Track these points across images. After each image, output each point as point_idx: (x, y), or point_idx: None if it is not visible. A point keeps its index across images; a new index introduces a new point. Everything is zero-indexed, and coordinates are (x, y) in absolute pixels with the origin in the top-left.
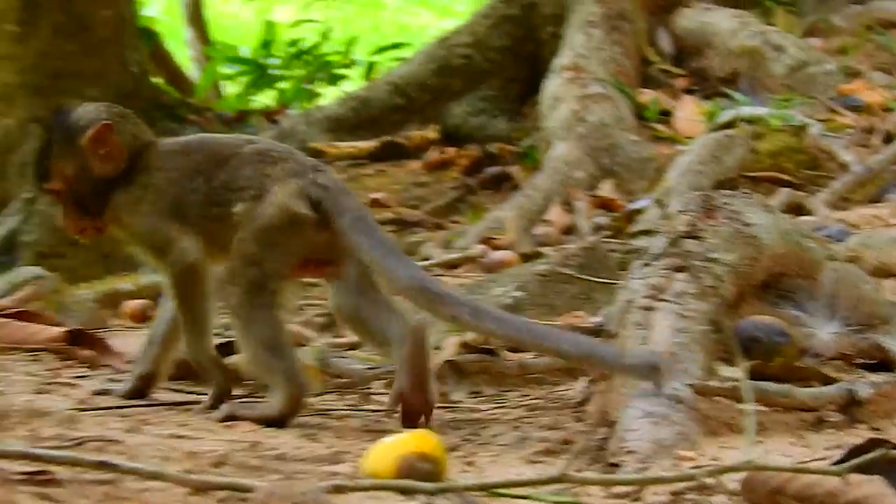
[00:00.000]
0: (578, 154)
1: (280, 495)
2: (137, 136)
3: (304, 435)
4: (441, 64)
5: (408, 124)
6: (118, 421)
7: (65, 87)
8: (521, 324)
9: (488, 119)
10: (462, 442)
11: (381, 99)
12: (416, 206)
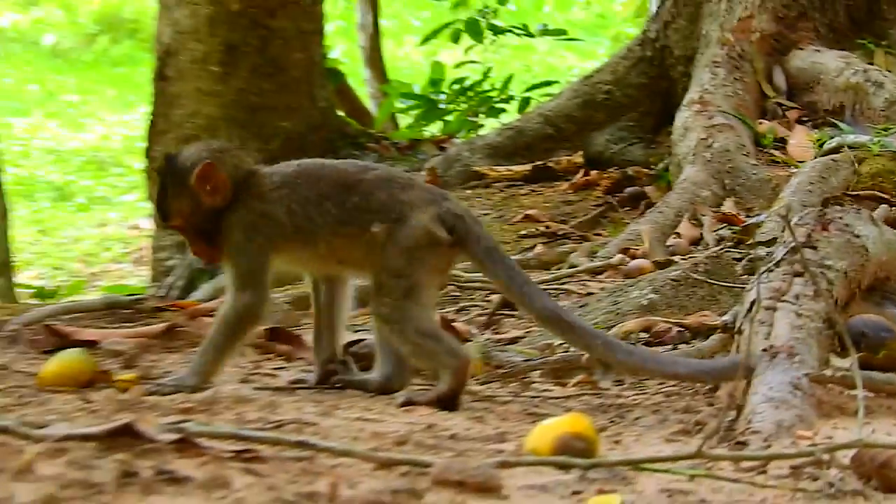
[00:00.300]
0: (705, 176)
1: (454, 470)
2: (239, 167)
3: (472, 418)
4: (586, 99)
5: (557, 151)
6: (312, 406)
7: (261, 120)
8: (646, 354)
9: (627, 146)
10: (609, 423)
11: (533, 129)
12: (564, 221)
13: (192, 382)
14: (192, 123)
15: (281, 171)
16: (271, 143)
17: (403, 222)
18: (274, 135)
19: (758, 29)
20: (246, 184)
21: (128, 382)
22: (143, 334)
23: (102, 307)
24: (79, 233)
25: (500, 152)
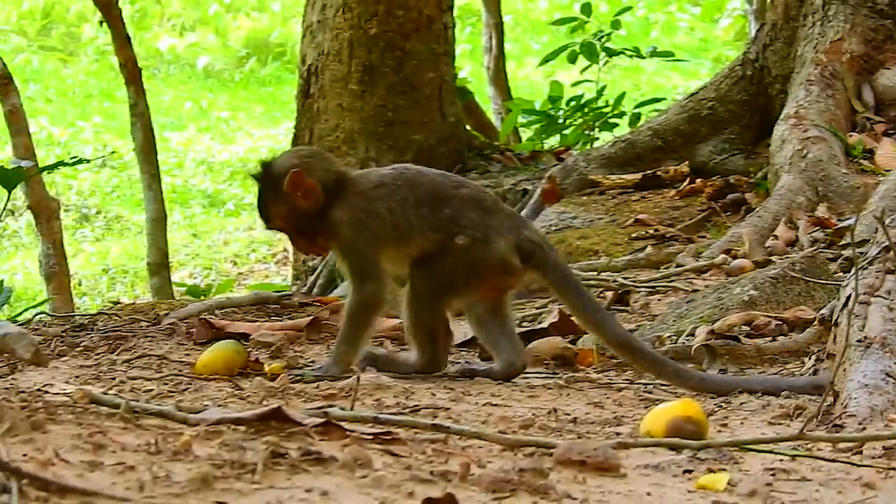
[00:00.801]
0: (800, 184)
1: (576, 450)
2: (328, 170)
3: (591, 403)
4: (691, 114)
5: (665, 161)
6: (445, 392)
7: (396, 133)
8: (717, 379)
9: (729, 157)
10: (717, 408)
11: (643, 141)
12: (671, 225)
13: (335, 372)
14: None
15: (377, 173)
16: (405, 154)
17: (486, 243)
18: (407, 147)
19: (848, 50)
20: (339, 185)
21: (276, 371)
22: (289, 327)
23: (252, 303)
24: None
25: (614, 162)
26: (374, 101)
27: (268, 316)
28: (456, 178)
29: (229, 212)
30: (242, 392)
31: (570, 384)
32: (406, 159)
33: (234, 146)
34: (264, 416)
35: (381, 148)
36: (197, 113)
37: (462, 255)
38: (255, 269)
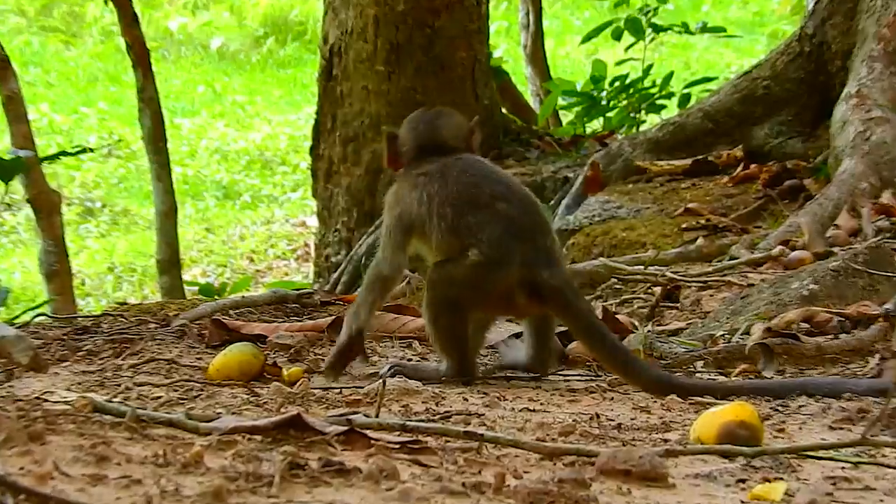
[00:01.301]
0: (863, 168)
1: (620, 459)
2: (415, 142)
3: (637, 408)
4: (745, 94)
5: (717, 145)
6: (478, 397)
7: None
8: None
9: (786, 140)
10: (773, 412)
11: (694, 124)
12: (724, 214)
13: (342, 338)
14: (357, 122)
15: (439, 160)
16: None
17: (497, 266)
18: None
19: None
20: (410, 162)
21: (295, 375)
22: (309, 328)
23: (270, 302)
24: (244, 231)
25: (662, 147)
26: (402, 82)
27: (286, 316)
28: (509, 187)
29: (245, 204)
30: (258, 398)
31: (614, 387)
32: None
33: (250, 133)
34: (282, 424)
35: None
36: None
37: (470, 271)
38: (273, 265)
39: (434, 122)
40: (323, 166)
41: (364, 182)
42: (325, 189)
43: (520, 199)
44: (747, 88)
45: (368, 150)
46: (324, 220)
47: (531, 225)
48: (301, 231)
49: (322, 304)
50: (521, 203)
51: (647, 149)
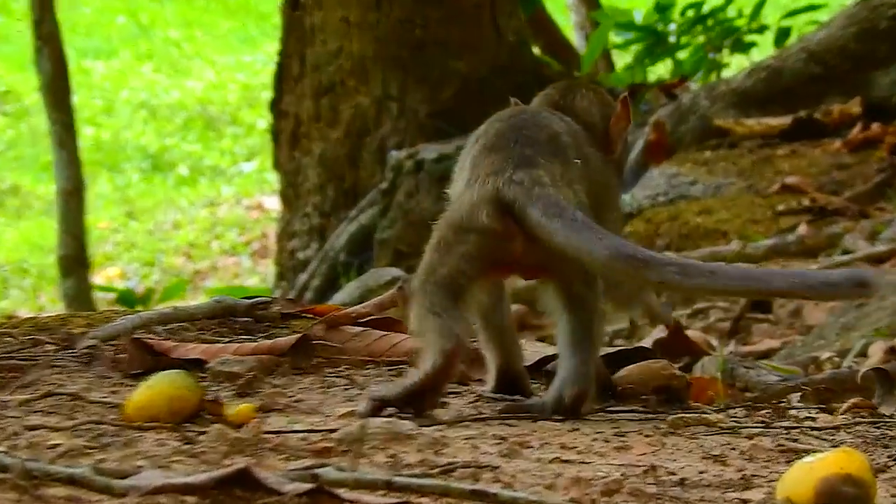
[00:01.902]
0: None
1: None
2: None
3: (709, 457)
4: (865, 27)
5: (826, 97)
6: (494, 443)
7: (428, 60)
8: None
9: None
10: (892, 462)
11: (794, 69)
12: (835, 192)
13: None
14: (334, 66)
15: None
16: (442, 90)
17: (458, 199)
18: (445, 80)
19: None
20: None
21: (244, 415)
22: (265, 350)
23: (212, 314)
24: (180, 216)
25: (751, 101)
26: (395, 13)
27: (234, 334)
28: (510, 113)
29: (181, 179)
30: (194, 446)
31: (678, 429)
32: (443, 98)
33: (188, 81)
34: (225, 480)
35: (405, 82)
36: (133, 32)
37: (442, 216)
38: (219, 264)
39: (572, 89)
40: (287, 127)
41: (343, 149)
42: (290, 158)
43: (522, 119)
44: (867, 19)
45: (349, 105)
46: (288, 202)
47: (512, 134)
48: (257, 216)
49: (283, 316)
50: (517, 121)
51: (731, 102)
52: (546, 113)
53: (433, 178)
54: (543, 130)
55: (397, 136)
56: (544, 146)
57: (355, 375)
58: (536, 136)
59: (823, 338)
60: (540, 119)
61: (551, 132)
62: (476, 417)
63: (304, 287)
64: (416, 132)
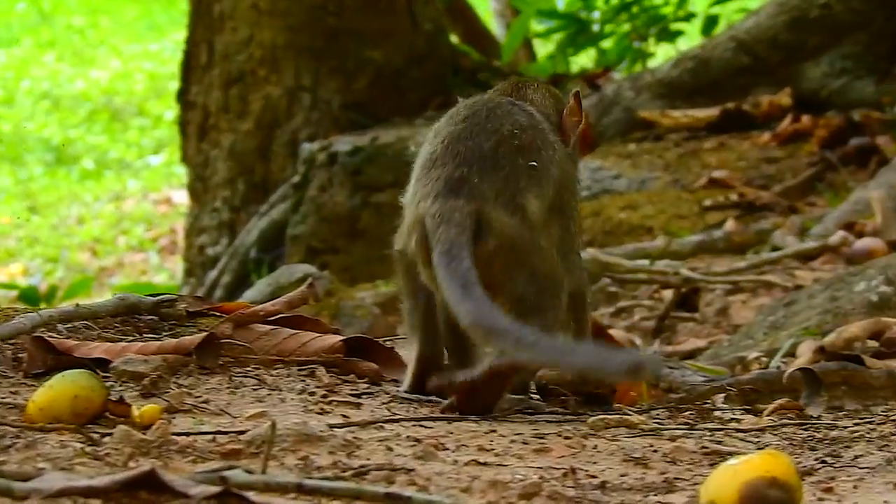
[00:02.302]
0: None
1: None
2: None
3: (630, 459)
4: (796, 15)
5: (755, 88)
6: (407, 445)
7: (342, 49)
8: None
9: (852, 81)
10: (818, 465)
11: (723, 59)
12: (764, 187)
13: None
14: (244, 55)
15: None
16: (356, 80)
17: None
18: (360, 69)
19: None
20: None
21: (150, 416)
22: (171, 349)
23: (116, 312)
24: (84, 210)
25: (677, 92)
26: (308, 0)
27: (139, 332)
28: (462, 116)
29: (86, 172)
30: (98, 449)
31: (599, 431)
32: (357, 88)
33: (92, 70)
34: (131, 483)
35: (318, 72)
36: (35, 20)
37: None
38: (125, 260)
39: (524, 83)
40: (196, 119)
41: (254, 141)
42: (198, 151)
43: (476, 122)
44: (798, 8)
45: (259, 96)
46: (197, 196)
47: (460, 144)
48: (165, 211)
49: (189, 314)
50: (473, 121)
51: (657, 93)
52: (509, 106)
53: (347, 171)
54: (497, 133)
55: (310, 128)
56: (489, 158)
57: (264, 375)
58: (484, 144)
59: (751, 337)
60: (499, 116)
61: (505, 134)
62: (390, 419)
63: (213, 284)
64: (329, 124)
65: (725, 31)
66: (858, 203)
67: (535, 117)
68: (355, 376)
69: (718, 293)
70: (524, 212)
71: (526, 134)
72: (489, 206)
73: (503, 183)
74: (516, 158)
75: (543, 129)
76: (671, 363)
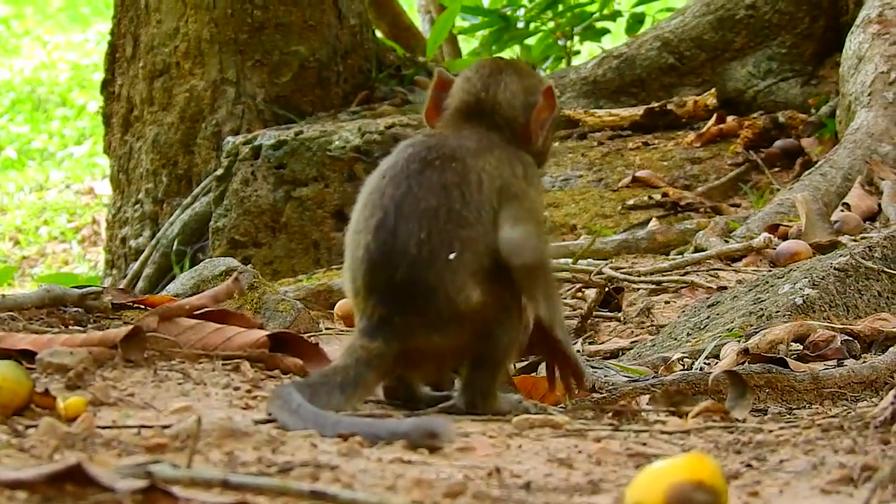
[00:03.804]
0: (885, 124)
1: None
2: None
3: (554, 459)
4: (721, 16)
5: (680, 88)
6: (332, 442)
7: (266, 43)
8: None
9: (777, 82)
10: (744, 468)
11: (647, 58)
12: (688, 187)
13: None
14: (169, 48)
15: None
16: (280, 74)
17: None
18: (284, 64)
19: None
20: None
21: (75, 409)
22: (96, 342)
23: (41, 304)
24: (7, 200)
25: (601, 90)
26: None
27: (64, 324)
28: (409, 186)
29: (8, 162)
30: (23, 441)
31: (524, 430)
32: (281, 82)
33: (16, 60)
34: (56, 476)
35: (243, 66)
36: None
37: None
38: (47, 250)
39: (495, 76)
40: (120, 110)
41: (178, 133)
42: (122, 143)
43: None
44: (724, 8)
45: (184, 89)
46: (120, 188)
47: (392, 202)
48: (88, 202)
49: (115, 307)
50: (413, 175)
51: (581, 92)
52: (459, 146)
53: (271, 165)
54: (437, 190)
55: (234, 122)
56: (424, 218)
57: (189, 369)
58: (422, 203)
59: (674, 338)
60: (446, 168)
61: (448, 190)
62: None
63: (135, 276)
64: (253, 117)
65: (650, 30)
66: (783, 205)
67: (487, 157)
68: (280, 371)
69: (642, 293)
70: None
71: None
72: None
73: (441, 237)
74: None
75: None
76: (594, 363)
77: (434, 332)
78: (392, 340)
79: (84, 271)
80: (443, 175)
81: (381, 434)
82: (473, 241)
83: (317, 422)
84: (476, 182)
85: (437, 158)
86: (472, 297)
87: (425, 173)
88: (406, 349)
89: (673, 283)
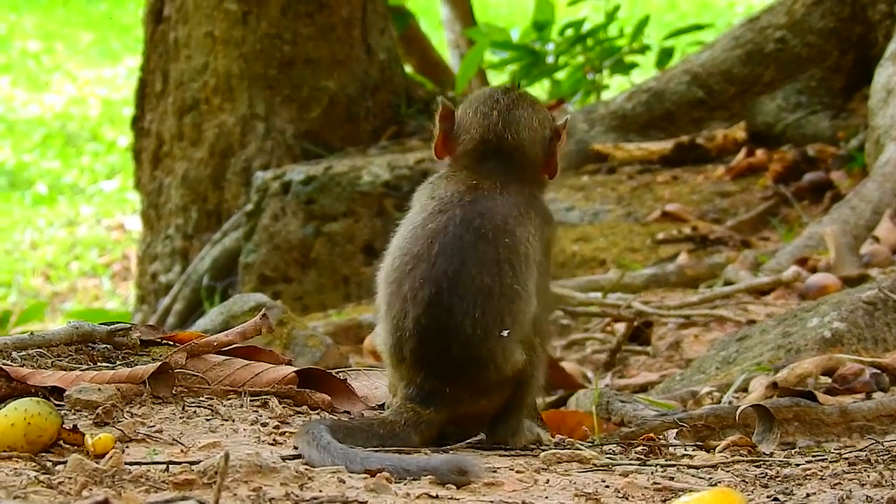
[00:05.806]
0: None
1: None
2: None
3: (581, 494)
4: (750, 49)
5: (709, 122)
6: (360, 478)
7: (296, 78)
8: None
9: (806, 116)
10: (771, 502)
11: (677, 92)
12: (717, 220)
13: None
14: (199, 83)
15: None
16: (310, 110)
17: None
18: (313, 99)
19: None
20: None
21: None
22: (125, 378)
23: (70, 340)
24: (37, 235)
25: (631, 124)
26: (263, 27)
27: (93, 361)
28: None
29: (39, 197)
30: (52, 477)
31: (551, 465)
32: (311, 117)
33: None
34: None
35: (272, 101)
36: None
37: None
38: (78, 286)
39: (513, 113)
40: (150, 146)
41: (207, 169)
42: (151, 178)
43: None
44: (753, 42)
45: (213, 124)
46: (150, 223)
47: (423, 272)
48: (118, 237)
49: (143, 343)
50: (443, 240)
51: (610, 126)
52: (506, 213)
53: (300, 200)
54: (492, 267)
55: (263, 157)
56: (479, 296)
57: (217, 405)
58: (476, 280)
59: (703, 371)
60: (499, 242)
61: (501, 266)
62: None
63: (166, 311)
64: (282, 153)
65: (680, 64)
66: (812, 238)
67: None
68: (308, 408)
69: (671, 327)
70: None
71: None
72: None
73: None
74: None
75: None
76: (623, 397)
77: (482, 397)
78: (442, 409)
79: (115, 307)
80: (497, 251)
81: (411, 469)
82: (522, 313)
83: (346, 457)
84: (524, 254)
85: (491, 231)
86: (518, 363)
87: (478, 247)
88: (454, 415)
89: (702, 316)
